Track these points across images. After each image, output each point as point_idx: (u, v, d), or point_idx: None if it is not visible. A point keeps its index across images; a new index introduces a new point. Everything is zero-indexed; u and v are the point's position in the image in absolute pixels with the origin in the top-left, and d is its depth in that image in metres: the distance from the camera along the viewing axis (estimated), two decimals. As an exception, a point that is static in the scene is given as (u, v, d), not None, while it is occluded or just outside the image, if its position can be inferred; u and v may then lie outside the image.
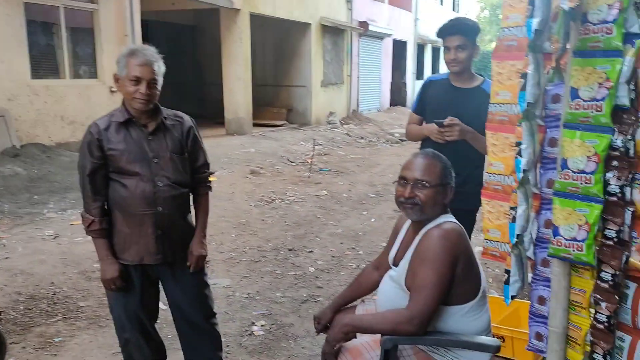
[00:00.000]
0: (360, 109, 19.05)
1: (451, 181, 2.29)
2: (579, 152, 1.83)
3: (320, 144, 12.51)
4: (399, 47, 22.64)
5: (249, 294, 4.44)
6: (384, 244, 5.55)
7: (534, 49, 2.00)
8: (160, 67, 2.54)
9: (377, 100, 20.79)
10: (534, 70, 2.01)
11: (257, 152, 11.07)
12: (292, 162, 10.78)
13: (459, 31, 3.17)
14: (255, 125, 13.91)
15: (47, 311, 4.03)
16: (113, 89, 9.94)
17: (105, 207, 2.63)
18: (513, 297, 2.14)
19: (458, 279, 2.12)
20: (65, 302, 4.20)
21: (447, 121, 3.06)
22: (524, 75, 2.01)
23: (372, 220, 6.81)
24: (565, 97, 1.91)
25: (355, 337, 2.27)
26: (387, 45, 21.33)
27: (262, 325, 3.90)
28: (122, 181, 2.55)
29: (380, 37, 20.33)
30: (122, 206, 2.58)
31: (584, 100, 1.83)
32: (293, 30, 15.70)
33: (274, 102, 16.32)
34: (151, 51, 2.53)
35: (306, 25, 15.63)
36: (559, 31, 1.95)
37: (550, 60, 2.04)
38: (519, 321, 3.57)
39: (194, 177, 2.77)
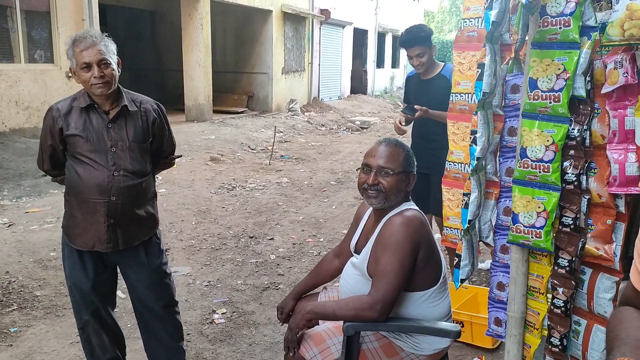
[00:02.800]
0: (321, 97, 19.03)
1: (414, 169, 2.31)
2: (537, 141, 1.88)
3: (281, 132, 12.47)
4: (360, 36, 22.68)
5: (209, 281, 4.42)
6: (345, 232, 5.59)
7: (491, 39, 2.04)
8: (108, 46, 2.48)
9: (337, 88, 20.80)
10: (491, 61, 2.05)
11: (217, 139, 10.95)
12: (252, 149, 10.72)
13: (416, 42, 3.89)
14: (215, 112, 13.74)
15: (1, 301, 3.92)
16: (69, 74, 9.65)
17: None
18: (462, 281, 2.20)
19: (419, 266, 2.15)
20: (21, 291, 4.09)
21: (417, 112, 3.87)
22: (480, 65, 2.05)
23: (333, 207, 6.84)
24: (524, 88, 1.96)
25: (318, 324, 2.28)
26: (348, 34, 21.34)
27: (223, 313, 3.88)
28: (78, 168, 2.51)
29: (341, 25, 20.31)
30: (76, 192, 2.54)
31: (542, 91, 1.88)
32: (254, 17, 15.54)
33: (235, 89, 16.15)
34: (93, 32, 2.47)
35: (267, 12, 15.49)
36: (518, 23, 2.00)
37: (509, 52, 2.09)
38: (478, 307, 3.66)
39: (158, 161, 2.73)
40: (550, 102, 1.85)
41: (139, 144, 2.58)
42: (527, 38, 1.98)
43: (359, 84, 22.58)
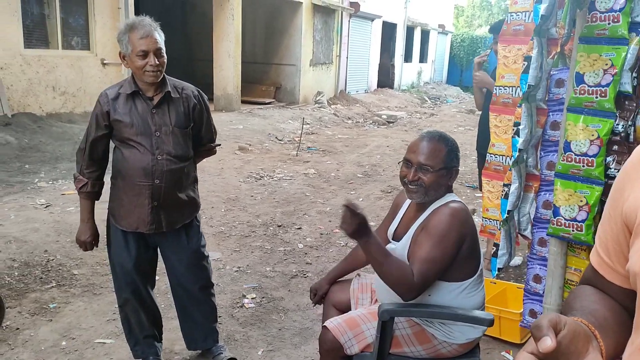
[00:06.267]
0: (348, 90, 19.01)
1: (457, 164, 2.29)
2: (582, 135, 1.89)
3: (308, 123, 12.51)
4: (389, 29, 22.57)
5: (239, 267, 4.49)
6: (373, 224, 5.63)
7: (539, 33, 2.06)
8: (161, 35, 2.56)
9: (364, 81, 20.75)
10: (538, 54, 2.07)
11: (245, 129, 11.03)
12: (280, 140, 10.78)
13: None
14: (243, 102, 13.83)
15: (41, 278, 4.05)
16: (105, 61, 9.84)
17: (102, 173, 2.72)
18: (500, 270, 2.22)
19: (461, 257, 2.16)
20: (59, 269, 4.21)
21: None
22: (527, 58, 2.07)
23: (360, 200, 6.86)
24: (570, 82, 1.98)
25: (367, 233, 2.12)
26: (377, 27, 21.24)
27: (252, 298, 3.95)
28: (125, 151, 2.59)
29: (370, 18, 20.23)
30: (122, 175, 2.62)
31: (589, 86, 1.90)
32: (284, 9, 15.57)
33: (263, 80, 16.21)
34: (148, 21, 2.54)
35: (297, 4, 15.51)
36: (565, 17, 2.01)
37: (555, 46, 2.10)
38: (506, 302, 3.67)
39: (199, 149, 2.80)
40: (596, 97, 1.87)
41: (181, 128, 2.66)
42: (573, 33, 1.99)
43: (386, 78, 22.48)
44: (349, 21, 18.69)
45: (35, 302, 3.70)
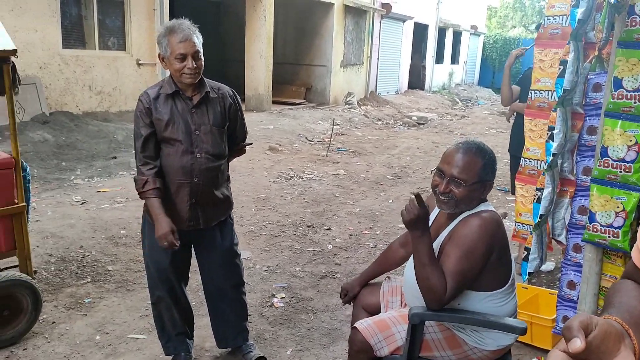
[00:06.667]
0: (378, 91, 18.96)
1: (492, 177, 2.22)
2: (619, 140, 1.87)
3: (338, 124, 12.52)
4: (420, 30, 22.43)
5: (268, 267, 4.53)
6: (402, 225, 5.60)
7: (576, 37, 2.04)
8: (199, 38, 2.60)
9: (395, 82, 20.67)
10: (574, 58, 2.04)
11: (275, 129, 11.10)
12: (310, 140, 10.82)
13: None
14: (274, 102, 13.92)
15: (77, 273, 4.15)
16: (140, 62, 10.02)
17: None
18: (530, 274, 2.19)
19: (489, 267, 2.13)
20: (94, 265, 4.31)
21: None
22: (563, 62, 2.05)
23: (390, 201, 6.85)
24: (608, 87, 1.95)
25: (423, 228, 2.13)
26: (408, 28, 21.13)
27: (282, 298, 3.98)
28: (164, 150, 2.65)
29: (402, 19, 20.14)
30: (162, 173, 2.66)
31: (627, 91, 1.87)
32: (315, 10, 15.60)
33: (294, 81, 16.28)
34: (187, 24, 2.59)
35: (329, 5, 15.52)
36: (603, 21, 1.98)
37: (593, 50, 2.07)
38: (538, 308, 3.63)
39: (231, 148, 2.84)
40: (635, 102, 1.84)
41: (218, 127, 2.71)
42: (611, 37, 1.96)
43: (416, 79, 22.35)
44: (380, 22, 18.64)
45: (70, 296, 3.80)
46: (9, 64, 3.05)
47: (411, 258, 2.43)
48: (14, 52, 3.00)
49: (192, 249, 2.92)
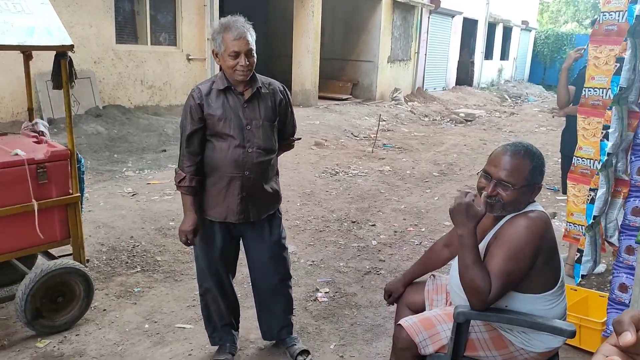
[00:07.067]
0: (425, 87, 18.76)
1: (540, 180, 2.17)
2: (677, 140, 1.81)
3: (384, 120, 12.45)
4: (469, 26, 22.05)
5: (313, 261, 4.56)
6: (447, 223, 5.56)
7: (633, 34, 1.98)
8: (253, 36, 2.64)
9: (442, 78, 20.41)
10: (631, 55, 1.98)
11: (321, 124, 11.13)
12: (355, 136, 10.80)
13: None
14: (320, 98, 13.96)
15: (127, 262, 4.28)
16: (190, 57, 10.22)
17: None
18: (583, 276, 2.14)
19: (537, 269, 2.08)
20: (144, 255, 4.44)
21: None
22: (619, 60, 1.99)
23: (435, 199, 6.79)
24: (667, 85, 1.89)
25: (472, 226, 2.10)
26: (457, 23, 20.82)
27: (326, 292, 4.01)
28: (217, 144, 2.69)
29: (451, 14, 19.86)
30: (213, 167, 2.73)
31: (687, 89, 1.81)
32: (363, 5, 15.55)
33: (340, 76, 16.27)
34: (242, 22, 2.62)
35: (377, 0, 15.46)
36: (663, 17, 1.92)
37: (652, 47, 2.00)
38: (587, 310, 3.54)
39: (280, 142, 2.88)
40: (695, 101, 1.78)
41: (269, 122, 2.75)
42: (672, 33, 1.90)
43: (464, 76, 22.01)
44: (428, 17, 18.43)
45: (121, 285, 3.92)
46: (66, 59, 3.16)
47: (456, 257, 2.42)
48: (71, 47, 3.11)
49: (241, 242, 2.97)
